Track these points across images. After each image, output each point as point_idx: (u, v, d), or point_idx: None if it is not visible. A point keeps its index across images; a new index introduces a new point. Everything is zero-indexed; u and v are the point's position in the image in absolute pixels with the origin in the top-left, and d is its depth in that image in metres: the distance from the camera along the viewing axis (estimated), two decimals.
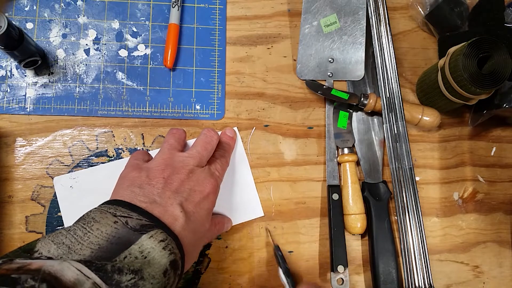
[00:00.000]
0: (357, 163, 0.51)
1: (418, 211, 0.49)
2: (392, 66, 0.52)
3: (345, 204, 0.48)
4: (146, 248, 0.26)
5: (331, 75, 0.52)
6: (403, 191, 0.49)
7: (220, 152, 0.42)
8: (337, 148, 0.51)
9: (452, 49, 0.46)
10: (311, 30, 0.53)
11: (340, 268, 0.46)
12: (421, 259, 0.48)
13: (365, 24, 0.53)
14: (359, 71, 0.53)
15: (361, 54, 0.53)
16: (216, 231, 0.42)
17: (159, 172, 0.34)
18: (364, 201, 0.49)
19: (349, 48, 0.53)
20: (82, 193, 0.45)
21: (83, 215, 0.29)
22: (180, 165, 0.36)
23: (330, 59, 0.53)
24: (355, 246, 0.50)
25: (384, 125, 0.51)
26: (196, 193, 0.34)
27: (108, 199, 0.32)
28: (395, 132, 0.50)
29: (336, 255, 0.47)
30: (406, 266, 0.48)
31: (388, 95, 0.51)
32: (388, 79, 0.51)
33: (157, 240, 0.27)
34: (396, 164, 0.50)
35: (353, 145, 0.51)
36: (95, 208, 0.30)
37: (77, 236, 0.26)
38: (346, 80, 0.53)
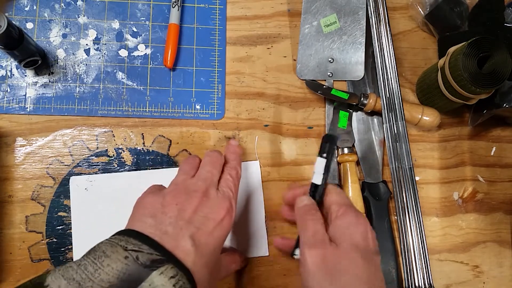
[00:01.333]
0: (357, 163, 0.51)
1: (418, 211, 0.49)
2: (392, 66, 0.52)
3: None
4: (156, 285, 0.26)
5: (331, 75, 0.53)
6: (403, 191, 0.49)
7: (229, 165, 0.40)
8: (337, 148, 0.51)
9: (452, 49, 0.46)
10: (311, 30, 0.53)
11: None
12: (421, 259, 0.48)
13: (365, 24, 0.53)
14: (359, 71, 0.53)
15: (361, 54, 0.53)
16: (232, 267, 0.42)
17: (172, 198, 0.34)
18: (364, 201, 0.49)
19: (349, 48, 0.53)
20: (96, 198, 0.45)
21: (94, 246, 0.29)
22: (193, 189, 0.35)
23: (330, 59, 0.53)
24: None
25: (384, 125, 0.51)
26: (210, 221, 0.33)
27: (120, 209, 0.32)
28: (395, 132, 0.50)
29: None
30: (406, 266, 0.48)
31: (388, 95, 0.51)
32: (388, 79, 0.51)
33: (167, 277, 0.27)
34: (396, 164, 0.50)
35: (353, 145, 0.51)
36: (107, 239, 0.30)
37: (88, 272, 0.26)
38: (346, 80, 0.53)
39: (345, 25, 0.53)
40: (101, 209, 0.36)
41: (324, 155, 0.39)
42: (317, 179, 0.39)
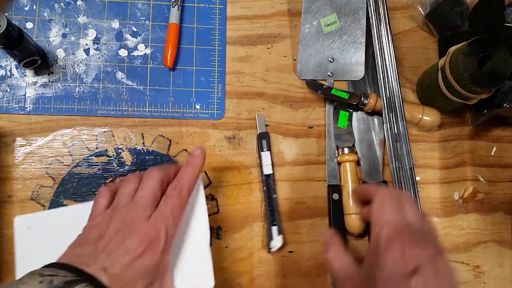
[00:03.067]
0: (357, 162, 0.51)
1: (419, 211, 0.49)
2: (392, 66, 0.52)
3: (345, 204, 0.48)
4: None
5: (331, 74, 0.52)
6: (404, 191, 0.49)
7: (173, 184, 0.35)
8: (337, 148, 0.51)
9: (452, 49, 0.46)
10: (311, 29, 0.53)
11: None
12: None
13: (365, 24, 0.53)
14: (359, 71, 0.53)
15: (361, 54, 0.53)
16: None
17: (98, 227, 0.32)
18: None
19: (349, 48, 0.53)
20: (42, 237, 0.39)
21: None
22: (121, 217, 0.32)
23: (330, 59, 0.53)
24: (355, 246, 0.49)
25: (384, 125, 0.51)
26: (128, 253, 0.30)
27: (67, 245, 0.32)
28: (395, 132, 0.50)
29: None
30: None
31: (388, 95, 0.51)
32: (388, 79, 0.51)
33: None
34: (397, 164, 0.50)
35: (353, 145, 0.51)
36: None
37: None
38: (346, 80, 0.53)
39: (345, 24, 0.53)
40: (46, 248, 0.33)
41: (265, 149, 0.48)
42: (268, 170, 0.48)
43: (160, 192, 0.34)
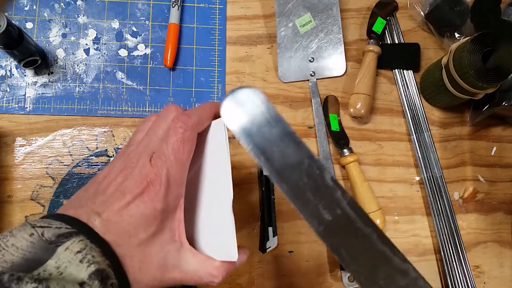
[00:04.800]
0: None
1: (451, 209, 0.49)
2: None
3: (361, 204, 0.48)
4: (63, 262, 0.23)
5: (313, 74, 0.52)
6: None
7: (176, 119, 0.29)
8: (338, 151, 0.50)
9: (454, 46, 0.46)
10: (287, 32, 0.53)
11: None
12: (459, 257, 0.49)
13: (340, 20, 0.53)
14: (341, 67, 0.53)
15: (341, 49, 0.53)
16: (206, 278, 0.29)
17: (104, 171, 0.30)
18: None
19: (328, 45, 0.53)
20: None
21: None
22: (126, 159, 0.29)
23: (310, 58, 0.53)
24: None
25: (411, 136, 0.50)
26: (124, 195, 0.27)
27: None
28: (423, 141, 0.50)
29: None
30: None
31: (413, 113, 0.52)
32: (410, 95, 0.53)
33: (73, 252, 0.24)
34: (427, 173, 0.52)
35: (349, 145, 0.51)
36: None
37: None
38: (329, 77, 0.53)
39: (321, 22, 0.53)
40: None
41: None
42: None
43: None
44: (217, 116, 0.31)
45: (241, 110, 0.27)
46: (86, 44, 0.50)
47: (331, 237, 0.26)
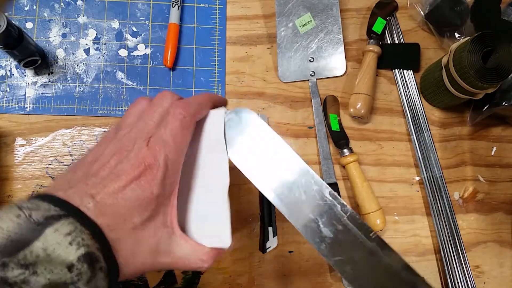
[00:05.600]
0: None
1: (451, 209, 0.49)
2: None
3: (362, 204, 0.48)
4: (51, 244, 0.23)
5: (313, 74, 0.52)
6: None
7: (175, 104, 0.29)
8: (338, 151, 0.51)
9: (454, 46, 0.46)
10: (287, 32, 0.53)
11: None
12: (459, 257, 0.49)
13: (340, 20, 0.53)
14: (341, 67, 0.53)
15: (341, 49, 0.53)
16: (195, 263, 0.30)
17: (94, 152, 0.29)
18: None
19: (328, 45, 0.53)
20: None
21: None
22: (121, 142, 0.28)
23: (310, 58, 0.53)
24: None
25: (411, 136, 0.50)
26: (120, 178, 0.26)
27: None
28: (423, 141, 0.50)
29: None
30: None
31: (413, 113, 0.52)
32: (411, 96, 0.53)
33: (62, 234, 0.23)
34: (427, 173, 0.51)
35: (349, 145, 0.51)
36: None
37: None
38: (329, 77, 0.53)
39: (321, 22, 0.53)
40: None
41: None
42: None
43: None
44: (215, 106, 0.31)
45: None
46: (86, 44, 0.50)
47: (333, 255, 0.26)
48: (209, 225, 0.31)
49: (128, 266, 0.26)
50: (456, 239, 0.49)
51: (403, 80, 0.53)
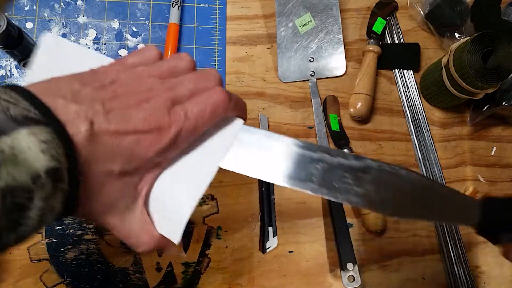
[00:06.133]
0: None
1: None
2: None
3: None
4: (21, 145, 0.20)
5: (313, 74, 0.52)
6: None
7: (213, 95, 0.27)
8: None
9: (454, 46, 0.46)
10: (287, 32, 0.53)
11: (349, 265, 0.46)
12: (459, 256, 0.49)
13: (340, 20, 0.53)
14: (341, 66, 0.53)
15: (341, 49, 0.53)
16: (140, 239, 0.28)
17: (106, 71, 0.26)
18: None
19: (328, 45, 0.53)
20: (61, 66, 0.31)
21: None
22: (145, 85, 0.26)
23: (310, 58, 0.53)
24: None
25: (411, 136, 0.51)
26: (128, 124, 0.24)
27: None
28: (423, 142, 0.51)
29: (343, 252, 0.46)
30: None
31: (413, 113, 0.52)
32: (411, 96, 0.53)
33: (38, 140, 0.21)
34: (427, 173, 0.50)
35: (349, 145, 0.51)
36: None
37: None
38: (329, 77, 0.53)
39: (321, 22, 0.53)
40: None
41: None
42: None
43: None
44: (238, 116, 0.30)
45: None
46: (86, 44, 0.50)
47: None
48: (170, 214, 0.29)
49: (80, 205, 0.24)
50: (456, 239, 0.49)
51: (403, 80, 0.53)
